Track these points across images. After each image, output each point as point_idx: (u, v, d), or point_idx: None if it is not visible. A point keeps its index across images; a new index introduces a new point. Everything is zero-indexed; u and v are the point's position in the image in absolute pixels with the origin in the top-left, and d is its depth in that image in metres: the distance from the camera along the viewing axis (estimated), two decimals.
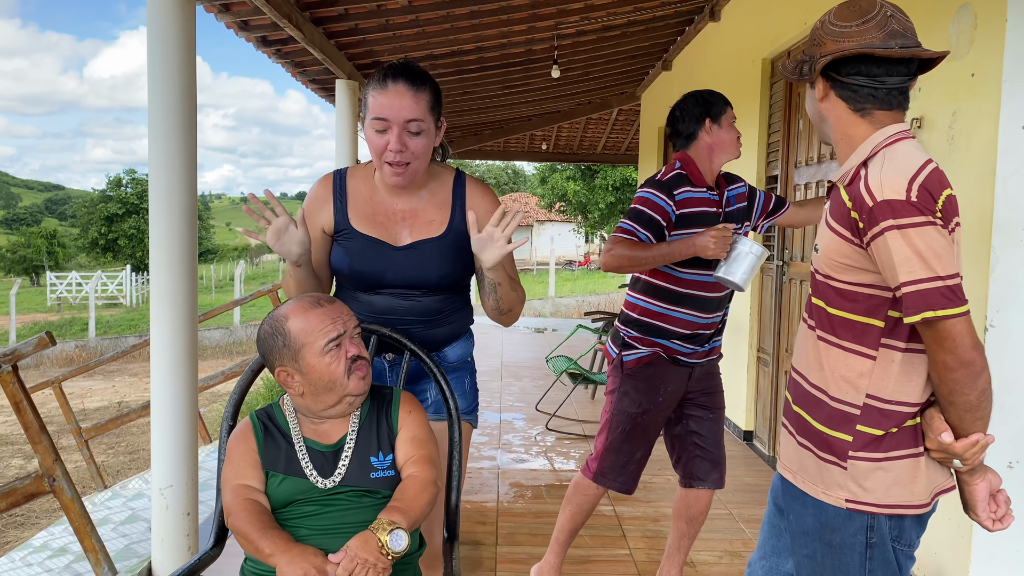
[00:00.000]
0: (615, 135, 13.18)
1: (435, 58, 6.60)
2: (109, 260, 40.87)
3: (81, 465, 7.70)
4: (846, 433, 1.50)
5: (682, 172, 2.58)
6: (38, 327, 21.88)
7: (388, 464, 1.70)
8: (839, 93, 1.54)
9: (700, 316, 2.59)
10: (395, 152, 1.82)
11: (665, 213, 2.52)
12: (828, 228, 1.52)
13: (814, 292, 1.58)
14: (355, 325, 1.71)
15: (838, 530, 1.52)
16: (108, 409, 11.13)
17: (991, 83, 2.63)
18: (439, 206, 1.98)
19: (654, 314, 2.61)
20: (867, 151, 1.50)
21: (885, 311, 1.47)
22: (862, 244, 1.44)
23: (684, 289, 2.56)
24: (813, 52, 1.54)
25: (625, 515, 3.87)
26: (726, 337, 5.73)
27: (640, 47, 7.58)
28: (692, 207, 2.55)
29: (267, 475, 1.67)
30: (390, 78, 1.82)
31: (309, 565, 1.49)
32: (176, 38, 3.07)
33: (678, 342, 2.61)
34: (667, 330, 2.60)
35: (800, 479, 1.58)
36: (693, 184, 2.57)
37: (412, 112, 1.82)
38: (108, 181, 42.71)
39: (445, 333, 2.04)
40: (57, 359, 16.18)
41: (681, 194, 2.54)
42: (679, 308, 2.58)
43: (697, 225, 2.54)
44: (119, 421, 6.47)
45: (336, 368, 1.64)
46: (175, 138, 3.10)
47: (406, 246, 1.94)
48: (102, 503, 5.16)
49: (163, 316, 3.14)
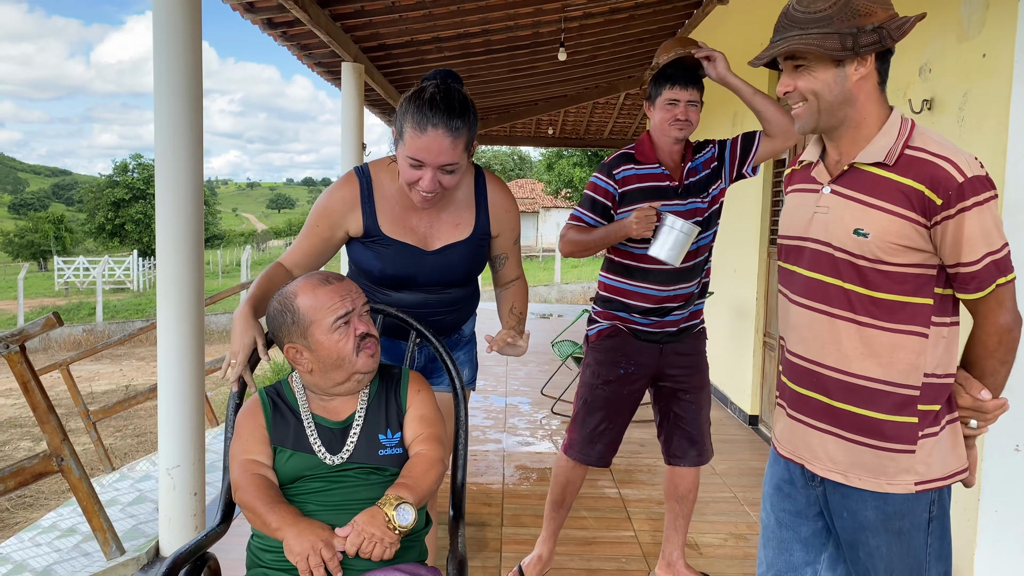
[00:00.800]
0: (622, 120, 13.11)
1: (441, 41, 6.57)
2: (116, 245, 41.00)
3: (89, 447, 7.75)
4: (910, 416, 1.49)
5: (628, 151, 2.65)
6: (45, 311, 21.98)
7: (396, 442, 1.70)
8: (879, 67, 1.48)
9: (658, 289, 2.61)
10: (428, 192, 1.89)
11: (608, 194, 2.60)
12: (880, 211, 1.45)
13: (847, 278, 1.50)
14: (364, 303, 1.71)
15: (907, 515, 1.51)
16: (115, 392, 11.19)
17: (1003, 64, 2.60)
18: (464, 207, 2.08)
19: (615, 289, 2.68)
20: (902, 130, 1.47)
21: (931, 288, 1.47)
22: (928, 223, 1.42)
23: (638, 263, 2.60)
24: (860, 23, 1.42)
25: (630, 497, 3.88)
26: (731, 321, 5.72)
27: (648, 30, 7.52)
28: (637, 183, 2.59)
29: (275, 451, 1.68)
30: (429, 122, 1.80)
31: (316, 539, 1.50)
32: (182, 21, 3.06)
33: (638, 315, 2.65)
34: (627, 304, 2.65)
35: (853, 477, 1.53)
36: (640, 161, 2.61)
37: (449, 157, 1.85)
38: (115, 166, 42.83)
39: (465, 315, 2.24)
40: (64, 343, 16.26)
41: (622, 172, 2.60)
42: (636, 282, 2.62)
43: (648, 200, 2.58)
44: (126, 404, 6.51)
45: (345, 345, 1.65)
46: (181, 123, 3.09)
47: (437, 250, 2.05)
48: (110, 485, 5.19)
49: (170, 299, 3.15)
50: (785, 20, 1.48)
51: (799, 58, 1.47)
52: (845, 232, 1.49)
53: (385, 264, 2.03)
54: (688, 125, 2.56)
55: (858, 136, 1.51)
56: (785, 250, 1.65)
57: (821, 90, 1.47)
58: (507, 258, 2.22)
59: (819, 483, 1.61)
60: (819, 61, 1.46)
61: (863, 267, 1.47)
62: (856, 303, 1.49)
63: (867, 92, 1.48)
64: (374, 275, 2.06)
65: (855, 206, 1.49)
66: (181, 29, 3.07)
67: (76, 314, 22.16)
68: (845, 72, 1.46)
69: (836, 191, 1.53)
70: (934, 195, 1.40)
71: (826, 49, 1.42)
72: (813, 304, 1.55)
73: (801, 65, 1.48)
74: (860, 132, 1.51)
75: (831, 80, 1.46)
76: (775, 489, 1.70)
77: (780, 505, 1.69)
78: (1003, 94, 2.59)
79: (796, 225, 1.61)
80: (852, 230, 1.47)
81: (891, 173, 1.45)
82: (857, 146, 1.51)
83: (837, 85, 1.47)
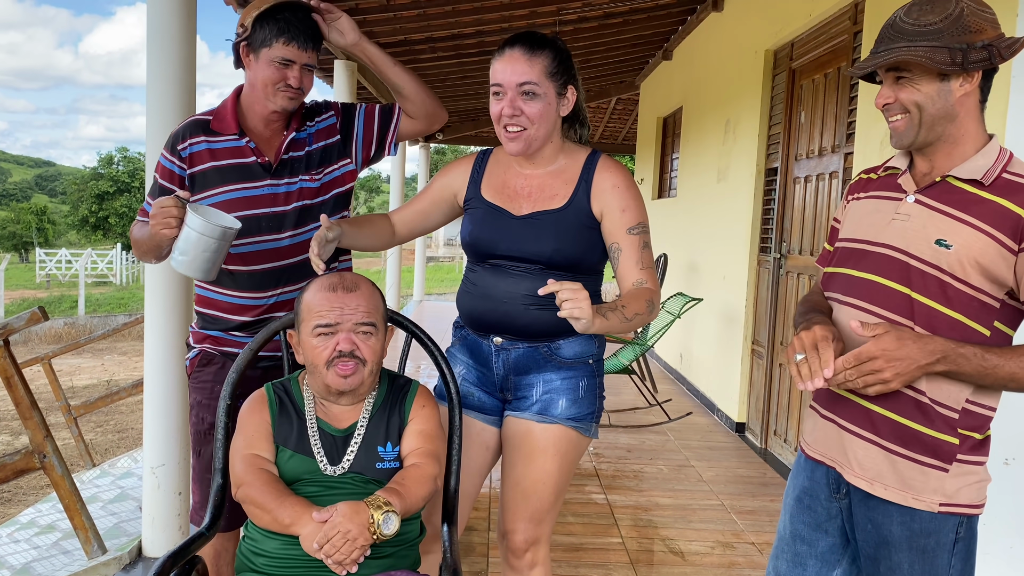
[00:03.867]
0: (613, 124, 13.13)
1: (435, 41, 6.55)
2: (99, 238, 40.64)
3: (69, 442, 7.64)
4: (951, 435, 1.48)
5: (202, 118, 2.08)
6: (27, 304, 21.75)
7: (394, 456, 1.68)
8: (982, 85, 1.47)
9: (250, 296, 2.09)
10: (508, 117, 1.84)
11: (174, 176, 2.05)
12: (967, 225, 1.44)
13: (917, 287, 1.47)
14: (360, 322, 1.65)
15: (933, 534, 1.50)
16: (97, 387, 11.06)
17: (1000, 79, 2.61)
18: (566, 181, 1.93)
19: (202, 300, 2.14)
20: (1001, 154, 1.47)
21: (992, 320, 1.46)
22: (1017, 247, 1.41)
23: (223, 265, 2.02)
24: (970, 39, 1.40)
25: (617, 504, 3.87)
26: (720, 328, 5.72)
27: (642, 35, 7.53)
28: (211, 162, 2.04)
29: (277, 449, 1.66)
30: (507, 45, 1.86)
31: None
32: (177, 13, 3.03)
33: (236, 332, 2.11)
34: (218, 318, 2.12)
35: (879, 486, 1.53)
36: (216, 132, 2.05)
37: (525, 75, 1.83)
38: (100, 159, 42.49)
39: (555, 320, 1.75)
40: (46, 336, 16.07)
41: (190, 147, 2.04)
42: (221, 289, 2.09)
43: (232, 183, 2.03)
44: (109, 399, 6.43)
45: (320, 353, 1.64)
46: (174, 115, 3.05)
47: (524, 216, 1.91)
48: (90, 481, 5.12)
49: (157, 294, 3.10)
50: (891, 31, 1.46)
51: (903, 70, 1.46)
52: (926, 241, 1.47)
53: (475, 226, 1.96)
54: (300, 95, 2.02)
55: (954, 152, 1.50)
56: (843, 254, 1.62)
57: (924, 103, 1.45)
58: (620, 250, 1.87)
59: (844, 495, 1.60)
60: (924, 74, 1.44)
61: (937, 278, 1.46)
62: (918, 313, 1.47)
63: (968, 109, 1.47)
64: (465, 240, 1.99)
65: (940, 218, 1.47)
66: (176, 20, 3.03)
67: (58, 307, 21.94)
68: (950, 87, 1.44)
69: (921, 200, 1.51)
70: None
71: (936, 62, 1.40)
72: (868, 306, 1.54)
73: (904, 77, 1.46)
74: (957, 149, 1.49)
75: (935, 94, 1.45)
76: (796, 500, 1.69)
77: (800, 517, 1.68)
78: (1000, 111, 2.60)
79: (867, 230, 1.58)
80: (934, 240, 1.46)
81: (987, 192, 1.45)
82: (951, 162, 1.50)
83: (941, 99, 1.45)
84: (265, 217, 2.05)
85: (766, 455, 4.78)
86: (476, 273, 1.98)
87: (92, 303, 21.98)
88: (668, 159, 8.52)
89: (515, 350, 1.93)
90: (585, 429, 1.96)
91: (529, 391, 1.94)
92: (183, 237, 1.82)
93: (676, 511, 3.80)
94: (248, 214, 2.02)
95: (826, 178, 4.18)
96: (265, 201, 2.05)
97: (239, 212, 2.00)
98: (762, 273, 5.08)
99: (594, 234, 1.90)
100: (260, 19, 1.95)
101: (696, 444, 5.00)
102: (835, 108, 4.11)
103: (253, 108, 2.05)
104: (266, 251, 2.07)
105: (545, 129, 1.88)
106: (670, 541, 3.43)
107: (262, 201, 2.05)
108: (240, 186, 2.04)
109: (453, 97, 9.36)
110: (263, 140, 2.08)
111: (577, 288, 1.59)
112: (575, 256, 1.88)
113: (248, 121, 2.07)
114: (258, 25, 1.95)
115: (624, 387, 6.38)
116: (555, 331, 1.89)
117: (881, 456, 1.53)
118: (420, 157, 13.40)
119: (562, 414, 1.92)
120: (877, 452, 1.53)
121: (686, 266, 6.88)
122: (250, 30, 1.96)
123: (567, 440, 1.94)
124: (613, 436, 5.08)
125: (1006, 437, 2.63)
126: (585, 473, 4.30)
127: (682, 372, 6.90)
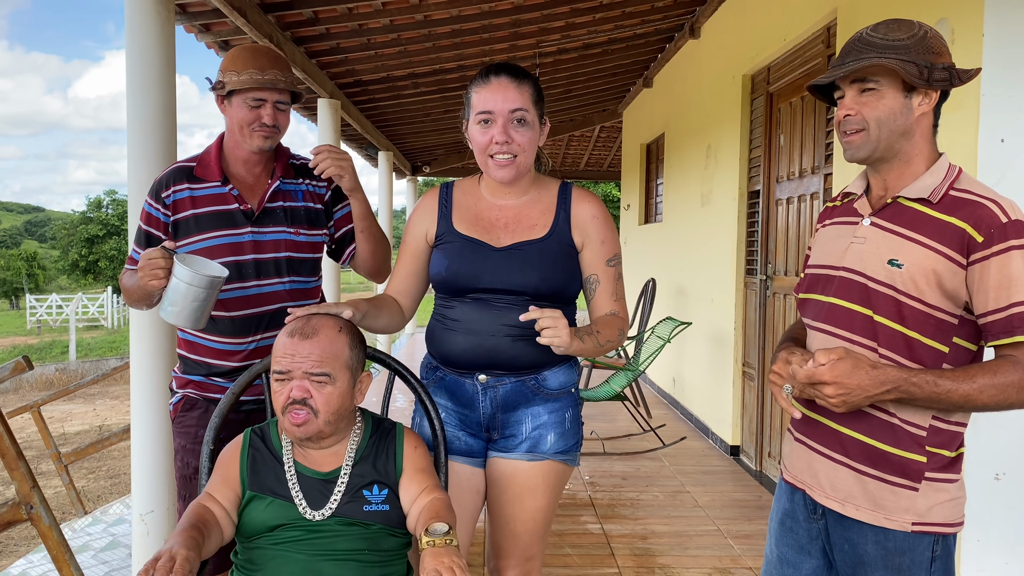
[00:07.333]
0: (597, 152, 13.24)
1: (416, 76, 6.61)
2: (90, 282, 40.52)
3: (61, 491, 7.56)
4: (918, 454, 1.48)
5: (185, 165, 2.10)
6: (17, 350, 21.60)
7: (383, 498, 1.66)
8: (936, 109, 1.52)
9: (231, 342, 2.09)
10: (501, 144, 1.83)
11: (160, 223, 2.07)
12: (916, 244, 1.47)
13: (878, 309, 1.50)
14: (310, 372, 1.61)
15: (907, 553, 1.50)
16: (89, 433, 10.96)
17: (969, 96, 2.65)
18: (543, 211, 1.93)
19: (185, 344, 2.14)
20: (949, 172, 1.50)
21: (951, 337, 1.47)
22: (966, 261, 1.43)
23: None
24: (932, 60, 1.46)
25: (613, 533, 3.84)
26: (710, 350, 5.72)
27: (621, 64, 7.62)
28: (192, 209, 2.05)
29: (253, 497, 1.64)
30: (492, 73, 1.87)
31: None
32: (155, 58, 3.06)
33: (217, 377, 2.11)
34: (200, 362, 2.12)
35: (851, 507, 1.54)
36: (199, 179, 2.07)
37: (516, 102, 1.84)
38: (88, 203, 42.48)
39: (540, 350, 1.80)
40: (37, 382, 15.95)
41: (173, 194, 2.06)
42: (203, 334, 2.09)
43: (214, 230, 2.05)
44: (100, 445, 6.37)
45: (277, 399, 1.64)
46: (155, 158, 3.07)
47: (505, 247, 1.89)
48: (82, 529, 5.06)
49: (144, 338, 3.10)
50: (860, 44, 1.51)
51: (869, 81, 1.50)
52: (880, 262, 1.50)
53: (451, 260, 1.89)
54: (275, 132, 2.03)
55: (906, 172, 1.54)
56: (811, 280, 1.65)
57: (885, 118, 1.49)
58: (598, 282, 1.92)
59: (821, 515, 1.61)
60: (891, 87, 1.49)
61: (892, 298, 1.48)
62: (880, 334, 1.50)
63: (923, 130, 1.52)
64: (441, 276, 1.90)
65: (893, 238, 1.51)
66: (154, 65, 3.07)
67: (49, 352, 21.80)
68: (911, 103, 1.49)
69: (876, 223, 1.55)
70: (976, 232, 1.42)
71: (907, 72, 1.45)
72: (833, 330, 1.56)
73: (869, 89, 1.50)
74: (909, 168, 1.54)
75: (897, 109, 1.49)
76: (779, 523, 1.70)
77: (784, 540, 1.69)
78: (971, 126, 2.64)
79: (830, 255, 1.62)
80: (887, 260, 1.49)
81: (934, 211, 1.48)
82: (903, 182, 1.54)
83: (902, 115, 1.50)
84: (246, 264, 2.07)
85: (761, 477, 4.76)
86: (455, 309, 1.91)
87: (83, 347, 21.86)
88: (653, 185, 8.58)
89: (502, 386, 1.90)
90: (572, 460, 1.96)
91: (517, 428, 1.92)
92: (171, 288, 1.82)
93: (673, 538, 3.77)
94: (230, 260, 2.04)
95: (807, 199, 4.21)
96: (247, 248, 2.08)
97: (221, 259, 2.02)
98: (749, 295, 5.10)
99: (574, 263, 1.92)
100: (228, 67, 2.01)
101: (691, 469, 4.98)
102: (813, 130, 4.16)
103: (234, 153, 2.08)
104: (247, 297, 2.08)
105: (531, 157, 1.91)
106: (668, 569, 3.40)
107: (244, 248, 2.08)
108: (222, 233, 2.05)
109: (437, 131, 9.43)
110: (246, 187, 2.09)
111: (557, 316, 1.70)
112: (559, 285, 1.89)
113: (231, 167, 2.09)
114: (230, 73, 2.00)
115: (618, 413, 6.36)
116: (541, 362, 1.90)
117: (851, 477, 1.54)
118: (408, 190, 13.45)
119: (551, 449, 1.91)
120: (847, 473, 1.54)
121: (674, 290, 6.90)
122: (223, 80, 2.01)
123: (555, 474, 1.94)
124: (608, 464, 5.05)
125: (996, 452, 2.63)
126: (581, 503, 4.27)
127: (675, 396, 6.89)
